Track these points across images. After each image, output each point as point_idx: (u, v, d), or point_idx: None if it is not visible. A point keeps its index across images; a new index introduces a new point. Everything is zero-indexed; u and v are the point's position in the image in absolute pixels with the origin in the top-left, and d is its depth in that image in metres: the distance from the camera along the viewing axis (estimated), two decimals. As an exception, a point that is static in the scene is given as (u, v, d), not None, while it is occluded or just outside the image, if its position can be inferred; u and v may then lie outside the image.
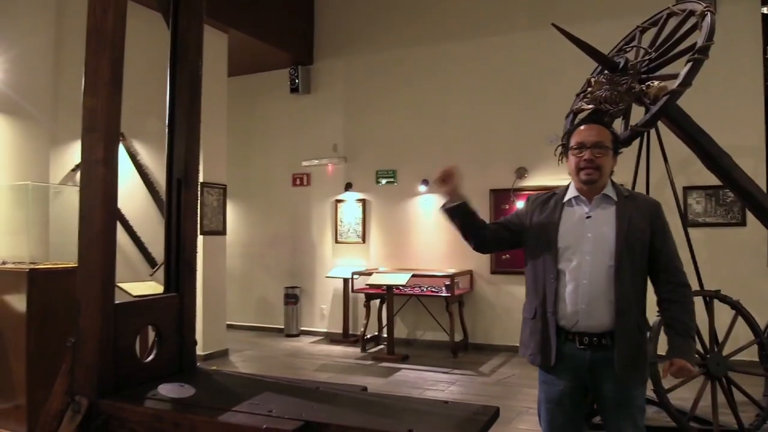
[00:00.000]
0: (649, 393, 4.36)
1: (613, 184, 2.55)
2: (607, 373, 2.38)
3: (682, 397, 4.29)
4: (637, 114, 3.90)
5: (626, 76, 3.77)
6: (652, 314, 2.72)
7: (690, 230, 4.58)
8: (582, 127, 2.54)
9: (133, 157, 6.46)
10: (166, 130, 2.41)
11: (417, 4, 8.42)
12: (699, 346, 4.06)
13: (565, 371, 2.45)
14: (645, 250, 2.43)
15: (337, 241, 8.79)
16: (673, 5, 4.14)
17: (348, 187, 8.70)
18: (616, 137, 2.57)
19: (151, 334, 2.32)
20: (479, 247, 2.74)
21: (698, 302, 4.12)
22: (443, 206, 2.64)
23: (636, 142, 4.11)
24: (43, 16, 5.34)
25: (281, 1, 8.52)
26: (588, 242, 2.42)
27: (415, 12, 8.41)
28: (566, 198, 2.55)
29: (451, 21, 8.17)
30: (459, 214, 2.61)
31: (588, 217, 2.47)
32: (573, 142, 2.52)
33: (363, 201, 8.58)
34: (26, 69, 5.15)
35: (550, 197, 2.61)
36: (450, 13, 8.18)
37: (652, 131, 4.16)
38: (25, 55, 5.14)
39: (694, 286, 4.32)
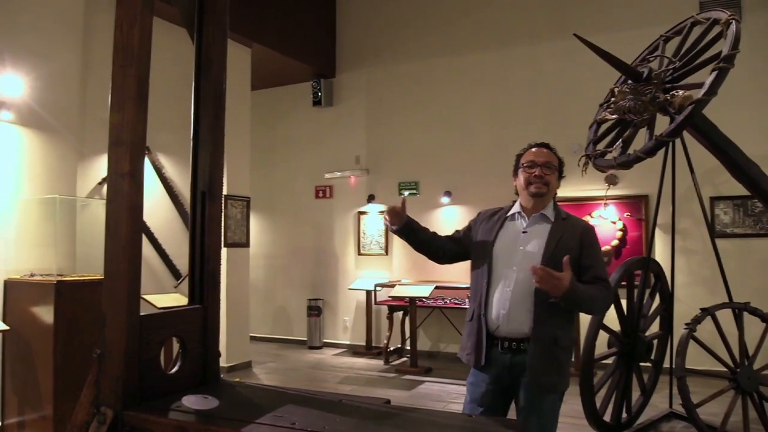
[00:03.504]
0: (678, 407, 4.29)
1: (555, 206, 2.78)
2: (523, 377, 2.56)
3: (712, 412, 4.21)
4: (662, 124, 3.85)
5: (650, 86, 3.73)
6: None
7: (718, 241, 4.51)
8: (533, 149, 2.81)
9: (158, 170, 6.55)
10: (191, 143, 2.44)
11: (439, 16, 8.44)
12: (729, 360, 3.98)
13: (489, 374, 2.65)
14: (571, 266, 2.51)
15: (359, 253, 8.79)
16: (697, 14, 4.10)
17: (370, 198, 8.71)
18: (561, 163, 2.82)
19: (176, 346, 2.33)
20: (432, 258, 2.97)
21: (727, 315, 4.07)
22: (392, 230, 2.86)
23: (661, 153, 4.06)
24: (72, 34, 5.45)
25: (303, 16, 8.61)
26: (519, 255, 2.64)
27: (436, 24, 8.44)
28: (509, 213, 2.80)
29: (473, 32, 8.18)
30: (404, 233, 2.84)
31: (524, 232, 2.70)
32: (524, 161, 2.79)
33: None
34: (55, 86, 5.26)
35: (497, 212, 2.87)
36: (472, 25, 8.19)
37: (678, 141, 4.11)
38: (53, 73, 5.25)
39: (723, 298, 4.27)
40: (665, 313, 4.73)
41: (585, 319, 4.69)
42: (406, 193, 8.44)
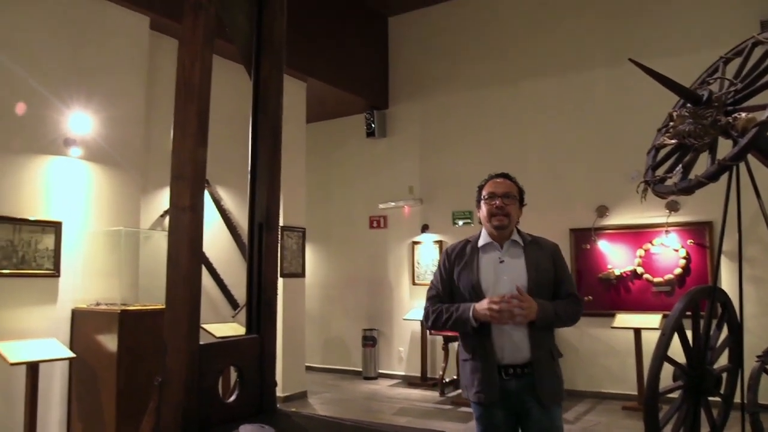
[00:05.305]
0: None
1: (519, 231, 2.88)
2: (530, 398, 2.65)
3: (788, 450, 3.97)
4: (725, 148, 3.73)
5: (711, 109, 3.62)
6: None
7: (789, 269, 4.30)
8: (492, 181, 2.94)
9: (217, 202, 6.72)
10: (249, 176, 2.50)
11: (491, 45, 8.47)
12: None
13: (498, 403, 2.68)
14: (551, 285, 2.78)
15: (414, 283, 8.76)
16: (758, 34, 3.97)
17: (425, 228, 8.70)
18: (521, 190, 2.97)
19: (233, 375, 2.36)
20: None
21: (802, 346, 3.86)
22: (475, 324, 2.66)
23: (724, 177, 3.92)
24: (137, 74, 5.73)
25: (357, 49, 8.78)
26: (504, 284, 2.69)
27: (489, 54, 8.45)
28: (480, 244, 2.84)
29: (525, 61, 8.15)
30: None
31: (501, 261, 2.77)
32: (485, 193, 2.90)
33: (440, 242, 8.55)
34: (121, 123, 5.51)
35: (465, 246, 2.89)
36: (525, 54, 8.17)
37: (742, 165, 3.96)
38: (120, 111, 5.51)
39: (797, 328, 4.04)
40: (734, 344, 4.52)
41: (648, 352, 4.53)
42: (461, 222, 8.40)
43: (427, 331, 8.19)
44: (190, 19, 2.12)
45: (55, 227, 4.97)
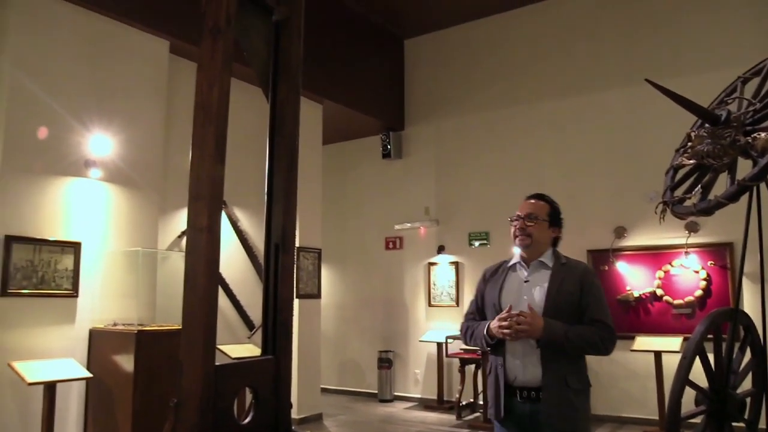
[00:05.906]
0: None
1: (555, 252, 2.87)
2: (544, 425, 2.56)
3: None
4: (744, 168, 3.69)
5: (729, 129, 3.59)
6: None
7: (813, 291, 4.22)
8: (524, 202, 2.92)
9: (234, 223, 6.76)
10: (265, 197, 2.51)
11: (505, 66, 8.49)
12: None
13: (512, 424, 2.65)
14: (574, 309, 2.67)
15: (430, 305, 8.71)
16: (778, 54, 3.94)
17: (440, 249, 8.67)
18: (555, 211, 2.95)
19: (249, 396, 2.35)
20: None
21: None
22: (490, 341, 2.71)
23: (744, 198, 3.88)
24: (156, 97, 5.81)
25: (373, 71, 8.84)
26: (523, 304, 2.68)
27: (504, 74, 8.48)
28: (510, 263, 2.88)
29: (541, 81, 8.16)
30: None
31: (526, 281, 2.77)
32: (514, 215, 2.89)
33: (456, 263, 8.51)
34: (140, 145, 5.59)
35: (500, 266, 2.93)
36: (540, 74, 8.18)
37: (762, 185, 3.91)
38: (139, 133, 5.58)
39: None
40: (757, 368, 4.42)
41: (669, 375, 4.45)
42: (477, 243, 8.36)
43: (444, 354, 8.13)
44: (208, 44, 2.16)
45: (74, 248, 5.02)
